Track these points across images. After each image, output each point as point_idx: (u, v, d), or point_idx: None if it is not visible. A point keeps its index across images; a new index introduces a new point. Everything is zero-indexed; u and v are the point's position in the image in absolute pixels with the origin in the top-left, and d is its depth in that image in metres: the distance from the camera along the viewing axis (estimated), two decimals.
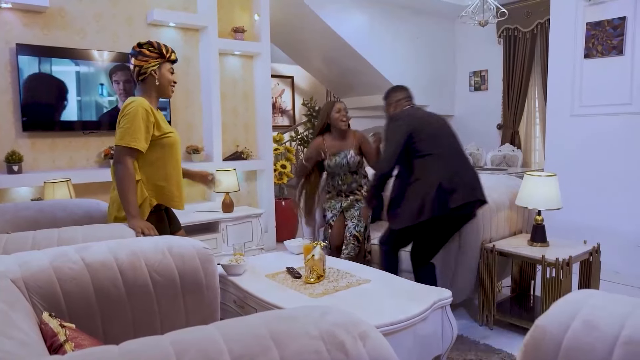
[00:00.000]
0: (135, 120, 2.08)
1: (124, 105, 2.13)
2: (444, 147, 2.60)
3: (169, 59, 2.27)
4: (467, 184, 2.54)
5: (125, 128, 2.08)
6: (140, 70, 2.20)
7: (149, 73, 2.21)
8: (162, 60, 2.24)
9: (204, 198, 4.39)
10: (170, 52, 2.28)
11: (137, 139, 2.08)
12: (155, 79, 2.22)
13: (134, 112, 2.09)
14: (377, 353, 0.87)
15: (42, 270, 1.39)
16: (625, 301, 0.94)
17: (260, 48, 4.49)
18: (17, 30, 3.36)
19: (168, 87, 2.28)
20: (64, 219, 2.30)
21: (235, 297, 2.32)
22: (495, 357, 2.36)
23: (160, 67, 2.24)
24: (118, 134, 2.10)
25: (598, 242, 2.83)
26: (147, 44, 2.22)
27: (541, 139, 6.37)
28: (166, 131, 2.22)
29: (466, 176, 2.57)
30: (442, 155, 2.56)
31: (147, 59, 2.20)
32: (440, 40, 6.98)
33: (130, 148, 2.07)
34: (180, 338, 0.83)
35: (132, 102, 2.12)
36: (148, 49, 2.21)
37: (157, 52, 2.22)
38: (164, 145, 2.21)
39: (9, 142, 3.37)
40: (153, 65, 2.21)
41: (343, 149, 3.21)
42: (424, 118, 2.73)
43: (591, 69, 3.69)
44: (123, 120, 2.10)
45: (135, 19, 3.88)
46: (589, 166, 3.76)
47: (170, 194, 2.23)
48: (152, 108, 2.17)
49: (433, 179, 2.49)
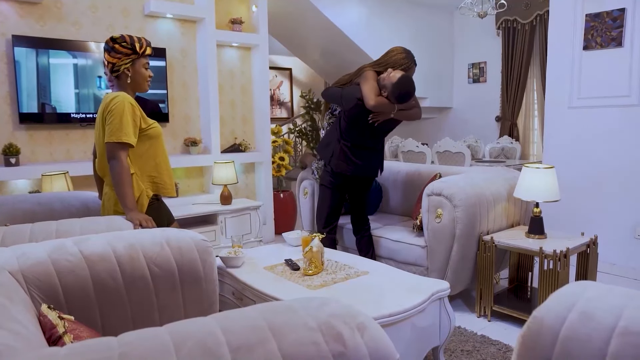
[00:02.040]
0: (124, 115, 2.06)
1: (108, 101, 2.09)
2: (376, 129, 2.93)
3: (143, 54, 2.21)
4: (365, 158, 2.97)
5: (114, 124, 2.05)
6: (114, 67, 2.16)
7: (122, 71, 2.17)
8: (135, 57, 2.18)
9: (202, 190, 4.39)
10: (144, 47, 2.21)
11: (127, 133, 2.06)
12: (127, 77, 2.19)
13: (120, 107, 2.06)
14: (375, 344, 0.88)
15: (40, 262, 1.39)
16: (622, 292, 0.95)
17: (258, 40, 4.47)
18: (13, 22, 3.33)
19: (143, 83, 2.24)
20: (62, 212, 2.30)
21: (233, 289, 2.33)
22: (493, 348, 2.37)
23: (134, 63, 2.19)
24: (108, 131, 2.06)
25: (595, 234, 2.84)
26: (120, 39, 2.15)
27: (539, 131, 6.37)
28: (150, 123, 2.22)
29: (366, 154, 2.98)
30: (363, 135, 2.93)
31: (120, 56, 2.15)
32: (438, 31, 6.95)
33: (122, 143, 2.06)
34: (179, 329, 0.83)
35: (115, 97, 2.09)
36: (121, 44, 2.15)
37: (129, 48, 2.16)
38: (150, 137, 2.20)
39: (6, 135, 3.36)
40: (126, 62, 2.17)
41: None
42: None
43: (590, 60, 3.68)
44: (110, 117, 2.06)
45: (131, 10, 3.85)
46: (587, 158, 3.76)
47: (163, 182, 2.24)
48: (134, 102, 2.16)
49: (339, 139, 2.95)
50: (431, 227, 2.83)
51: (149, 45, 2.25)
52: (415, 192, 3.57)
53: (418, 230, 3.04)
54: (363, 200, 3.15)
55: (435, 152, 5.40)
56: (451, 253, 2.76)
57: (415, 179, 3.61)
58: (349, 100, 2.86)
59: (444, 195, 2.76)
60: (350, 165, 2.95)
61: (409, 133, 7.54)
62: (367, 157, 2.98)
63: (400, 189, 3.72)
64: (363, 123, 2.87)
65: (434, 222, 2.80)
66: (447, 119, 7.43)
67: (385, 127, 2.97)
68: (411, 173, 3.66)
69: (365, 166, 2.99)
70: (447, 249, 2.76)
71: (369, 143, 2.98)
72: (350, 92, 2.88)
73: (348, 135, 2.93)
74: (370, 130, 2.90)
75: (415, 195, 3.54)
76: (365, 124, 2.87)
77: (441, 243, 2.78)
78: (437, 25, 6.90)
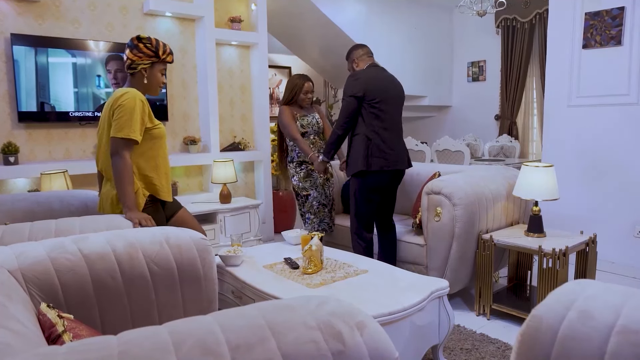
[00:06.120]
0: (134, 112, 2.05)
1: (117, 96, 2.09)
2: (386, 112, 2.86)
3: (164, 60, 2.22)
4: (392, 154, 2.86)
5: (123, 120, 2.04)
6: (132, 64, 2.17)
7: (138, 69, 2.18)
8: (155, 60, 2.19)
9: (201, 189, 4.39)
10: (167, 54, 2.22)
11: (135, 130, 2.05)
12: (144, 77, 2.19)
13: (131, 103, 2.06)
14: (374, 343, 0.88)
15: (39, 261, 1.39)
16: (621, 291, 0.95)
17: (257, 38, 4.46)
18: (11, 20, 3.33)
19: (156, 87, 2.25)
20: (61, 210, 2.30)
21: (233, 288, 2.33)
22: (492, 347, 2.37)
23: (153, 66, 2.20)
24: (115, 126, 2.05)
25: (594, 232, 2.84)
26: (146, 39, 2.16)
27: (539, 130, 6.38)
28: (156, 123, 2.21)
29: (397, 147, 2.91)
30: (381, 119, 2.85)
31: (141, 56, 2.16)
32: (438, 30, 6.94)
33: (128, 140, 2.05)
34: (178, 328, 0.83)
35: (126, 92, 2.09)
36: (146, 44, 2.16)
37: (152, 51, 2.17)
38: (154, 137, 2.19)
39: (5, 133, 3.35)
40: (145, 63, 2.17)
41: (309, 113, 3.51)
42: (379, 78, 2.90)
43: (589, 59, 3.68)
44: (119, 112, 2.05)
45: (130, 9, 3.84)
46: (586, 157, 3.77)
47: (159, 184, 2.22)
48: (145, 99, 2.16)
49: (367, 137, 2.83)
50: (430, 226, 2.83)
51: (171, 53, 2.26)
52: (414, 191, 3.57)
53: (417, 228, 3.04)
54: (393, 197, 3.12)
55: (435, 151, 5.40)
56: (450, 251, 2.76)
57: (414, 177, 3.61)
58: (349, 104, 2.86)
59: (443, 194, 2.76)
60: (386, 159, 2.84)
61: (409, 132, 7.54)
62: (395, 144, 2.90)
63: (399, 188, 3.71)
64: (370, 111, 2.86)
65: (433, 220, 2.80)
66: (447, 118, 7.43)
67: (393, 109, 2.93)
68: (410, 171, 3.66)
69: (398, 156, 2.91)
70: (447, 248, 2.77)
71: (391, 125, 2.90)
72: (345, 102, 2.89)
73: (370, 126, 2.86)
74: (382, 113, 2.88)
75: (415, 193, 3.54)
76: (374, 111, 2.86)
77: (440, 242, 2.78)
78: (437, 23, 6.90)
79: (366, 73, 2.90)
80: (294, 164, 3.49)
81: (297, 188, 3.48)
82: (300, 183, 3.45)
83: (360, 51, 3.03)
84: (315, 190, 3.44)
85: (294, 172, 3.48)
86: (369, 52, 3.05)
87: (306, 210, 3.47)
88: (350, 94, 2.85)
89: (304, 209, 3.49)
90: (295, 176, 3.47)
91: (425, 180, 3.33)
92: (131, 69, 2.18)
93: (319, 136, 3.50)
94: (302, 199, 3.48)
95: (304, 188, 3.44)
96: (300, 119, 3.43)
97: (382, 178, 2.90)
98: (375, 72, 2.93)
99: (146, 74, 2.20)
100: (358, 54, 3.02)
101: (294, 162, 3.49)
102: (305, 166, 3.46)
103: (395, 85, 2.99)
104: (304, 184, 3.44)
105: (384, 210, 3.06)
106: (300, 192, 3.46)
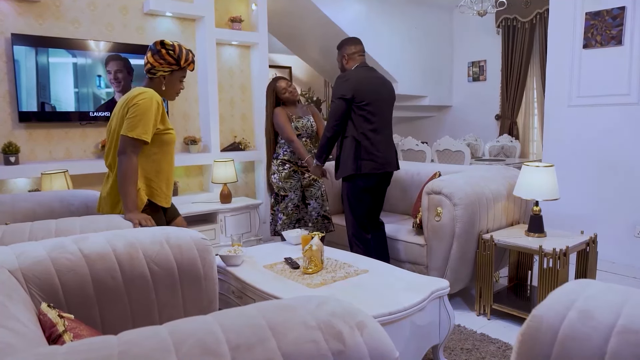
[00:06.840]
0: (148, 112, 2.03)
1: (135, 94, 2.06)
2: (375, 114, 2.85)
3: (184, 68, 2.20)
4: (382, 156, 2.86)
5: (137, 119, 2.01)
6: (151, 69, 2.14)
7: (157, 75, 2.16)
8: (176, 68, 2.17)
9: (202, 189, 4.39)
10: (188, 63, 2.20)
11: (146, 131, 2.03)
12: (162, 83, 2.17)
13: (147, 104, 2.03)
14: (374, 343, 0.88)
15: (39, 261, 1.39)
16: (621, 291, 0.95)
17: (258, 38, 4.46)
18: (12, 20, 3.33)
19: (173, 94, 2.23)
20: (61, 210, 2.30)
21: (233, 288, 2.33)
22: (492, 347, 2.37)
23: (172, 74, 2.18)
24: (127, 124, 2.02)
25: (595, 232, 2.84)
26: (170, 46, 2.13)
27: (539, 130, 6.37)
28: (168, 126, 2.19)
29: (386, 149, 2.90)
30: (370, 121, 2.83)
31: (162, 62, 2.13)
32: (438, 30, 6.94)
33: (137, 140, 2.03)
34: (179, 328, 0.83)
35: (144, 92, 2.06)
36: (168, 51, 2.12)
37: (174, 59, 2.14)
38: (163, 142, 2.17)
39: (6, 133, 3.35)
40: (165, 70, 2.15)
41: (304, 115, 3.46)
42: (369, 79, 2.88)
43: (590, 59, 3.68)
44: (134, 110, 2.02)
45: (130, 9, 3.84)
46: (586, 157, 3.76)
47: (157, 188, 2.19)
48: (161, 101, 2.14)
49: (356, 140, 2.82)
50: (431, 226, 2.83)
51: (193, 62, 2.23)
52: (414, 191, 3.57)
53: (418, 228, 3.04)
54: (382, 198, 3.12)
55: (435, 151, 5.40)
56: (451, 251, 2.76)
57: (414, 177, 3.61)
58: (338, 106, 2.85)
59: (443, 194, 2.76)
60: (375, 161, 2.85)
61: (409, 131, 7.55)
62: (384, 147, 2.90)
63: (399, 188, 3.72)
64: (357, 112, 2.86)
65: (434, 220, 2.80)
66: (447, 118, 7.43)
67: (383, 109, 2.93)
68: (411, 171, 3.66)
69: (387, 159, 2.91)
70: (447, 248, 2.77)
71: (380, 127, 2.90)
72: (334, 104, 2.89)
73: (359, 128, 2.85)
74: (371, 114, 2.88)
75: (415, 193, 3.54)
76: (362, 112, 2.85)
77: (441, 241, 2.78)
78: (437, 23, 6.89)
79: (356, 74, 2.87)
80: (278, 161, 3.39)
81: (276, 187, 3.38)
82: (280, 182, 3.35)
83: (353, 48, 2.98)
84: (294, 193, 3.35)
85: (275, 170, 3.38)
86: (361, 51, 3.00)
87: (279, 210, 3.37)
88: (339, 96, 2.82)
89: (277, 207, 3.40)
90: (276, 174, 3.36)
91: (426, 180, 3.33)
92: (150, 73, 2.15)
93: (310, 139, 3.47)
94: (278, 197, 3.39)
95: (283, 188, 3.35)
96: (295, 121, 3.38)
97: (372, 180, 2.91)
98: (365, 73, 2.90)
99: (165, 81, 2.17)
100: (350, 50, 2.98)
101: (279, 160, 3.39)
102: (289, 166, 3.37)
103: (386, 86, 2.96)
104: (284, 184, 3.35)
105: (372, 211, 3.05)
106: (279, 191, 3.37)
